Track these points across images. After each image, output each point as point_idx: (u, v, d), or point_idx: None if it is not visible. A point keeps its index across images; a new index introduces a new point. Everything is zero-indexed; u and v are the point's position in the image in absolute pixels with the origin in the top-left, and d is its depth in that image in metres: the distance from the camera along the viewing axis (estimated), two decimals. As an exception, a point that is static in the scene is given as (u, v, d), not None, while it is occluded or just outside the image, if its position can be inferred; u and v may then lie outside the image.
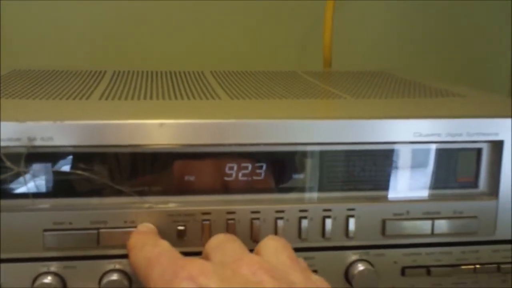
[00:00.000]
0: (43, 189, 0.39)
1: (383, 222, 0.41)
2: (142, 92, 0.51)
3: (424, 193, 0.42)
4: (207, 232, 0.39)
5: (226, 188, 0.40)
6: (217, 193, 0.41)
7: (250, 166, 0.41)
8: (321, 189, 0.41)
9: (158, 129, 0.38)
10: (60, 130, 0.37)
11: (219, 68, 0.69)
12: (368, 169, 0.42)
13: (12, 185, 0.38)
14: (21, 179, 0.38)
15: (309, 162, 0.41)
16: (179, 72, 0.65)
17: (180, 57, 0.85)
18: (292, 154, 0.41)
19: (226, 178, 0.41)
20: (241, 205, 0.40)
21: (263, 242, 0.35)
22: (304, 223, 0.40)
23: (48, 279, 0.39)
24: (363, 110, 0.46)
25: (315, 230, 0.41)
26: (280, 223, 0.40)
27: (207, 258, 0.35)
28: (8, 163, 0.37)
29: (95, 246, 0.39)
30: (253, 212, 0.40)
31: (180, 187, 0.40)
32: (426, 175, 0.42)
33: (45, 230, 0.38)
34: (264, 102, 0.48)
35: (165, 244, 0.35)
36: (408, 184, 0.42)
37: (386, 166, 0.42)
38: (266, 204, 0.40)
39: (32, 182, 0.38)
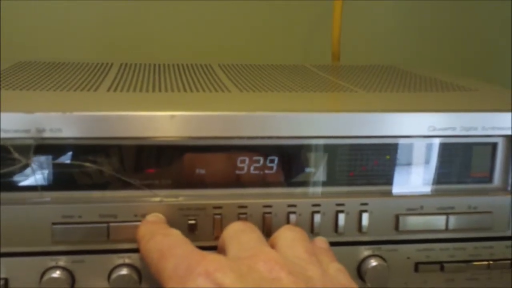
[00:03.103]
0: (51, 181, 0.38)
1: (396, 217, 0.40)
2: (151, 84, 0.50)
3: (438, 188, 0.42)
4: (219, 226, 0.39)
5: (237, 182, 0.40)
6: (229, 186, 0.40)
7: (262, 159, 0.40)
8: (334, 183, 0.40)
9: (169, 121, 0.38)
10: (69, 121, 0.37)
11: (228, 61, 0.69)
12: (381, 163, 0.41)
13: (20, 178, 0.38)
14: (29, 171, 0.37)
15: (321, 156, 0.40)
16: (187, 65, 0.64)
17: (188, 51, 0.84)
18: (305, 147, 0.40)
19: (237, 172, 0.40)
20: (253, 199, 0.39)
21: (280, 232, 0.35)
22: (317, 217, 0.40)
23: (56, 274, 0.38)
24: (376, 103, 0.45)
25: (327, 225, 0.40)
26: (292, 217, 0.39)
27: (223, 248, 0.34)
28: (16, 155, 0.37)
29: (104, 240, 0.38)
30: (265, 206, 0.39)
31: (191, 180, 0.39)
32: (440, 170, 0.42)
33: (54, 224, 0.38)
34: (275, 95, 0.47)
35: (176, 233, 0.34)
36: (422, 178, 0.41)
37: (399, 161, 0.41)
38: (278, 198, 0.40)
39: (41, 175, 0.38)
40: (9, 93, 0.44)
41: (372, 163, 0.41)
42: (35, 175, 0.37)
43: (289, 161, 0.40)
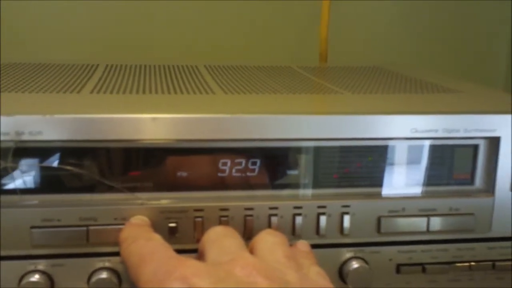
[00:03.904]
0: (31, 185, 0.38)
1: (378, 219, 0.40)
2: (135, 86, 0.50)
3: (420, 190, 0.42)
4: (200, 229, 0.39)
5: (219, 184, 0.40)
6: (211, 189, 0.40)
7: (243, 162, 0.40)
8: (315, 185, 0.40)
9: (150, 123, 0.37)
10: (49, 124, 0.36)
11: (214, 62, 0.68)
12: (363, 165, 0.41)
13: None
14: (8, 174, 0.37)
15: (303, 158, 0.40)
16: (173, 66, 0.64)
17: (175, 51, 0.84)
18: (287, 150, 0.40)
19: (219, 174, 0.40)
20: (235, 201, 0.39)
21: (259, 237, 0.34)
22: (298, 220, 0.40)
23: (35, 278, 0.38)
24: (359, 105, 0.45)
25: (309, 227, 0.40)
26: (274, 220, 0.39)
27: (203, 252, 0.34)
28: (-5, 158, 0.37)
29: (84, 244, 0.38)
30: (246, 208, 0.39)
31: (173, 183, 0.39)
32: (422, 172, 0.42)
33: (33, 227, 0.37)
34: (259, 97, 0.47)
35: (158, 239, 0.34)
36: (404, 180, 0.41)
37: (382, 163, 0.41)
38: (260, 200, 0.40)
39: (20, 178, 0.37)
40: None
41: (355, 165, 0.41)
42: (14, 179, 0.37)
43: (272, 163, 0.40)
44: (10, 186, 0.37)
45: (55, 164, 0.38)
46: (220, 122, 0.38)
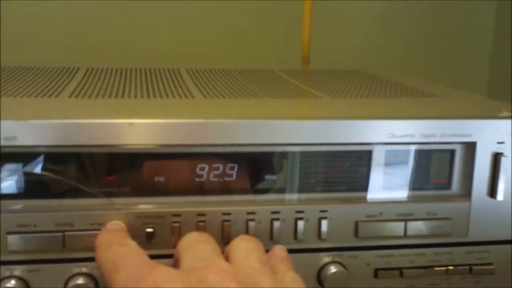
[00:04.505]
0: (6, 190, 0.37)
1: (356, 224, 0.41)
2: (114, 90, 0.50)
3: (398, 195, 0.42)
4: (177, 234, 0.38)
5: (197, 189, 0.40)
6: (188, 194, 0.40)
7: (221, 167, 0.40)
8: (293, 190, 0.41)
9: (127, 128, 0.37)
10: (24, 129, 0.36)
11: (197, 65, 0.68)
12: (341, 170, 0.41)
13: (-26, 186, 0.37)
14: (-17, 180, 0.37)
15: (281, 163, 0.40)
16: (154, 70, 0.64)
17: (157, 54, 0.84)
18: (265, 155, 0.40)
19: (197, 179, 0.40)
20: (212, 206, 0.39)
21: (234, 243, 0.34)
22: (276, 225, 0.40)
23: (11, 283, 0.38)
24: (338, 110, 0.46)
25: (287, 232, 0.40)
26: (251, 225, 0.39)
27: (178, 258, 0.34)
28: (-30, 164, 0.36)
29: (60, 249, 0.38)
30: (224, 214, 0.39)
31: (150, 188, 0.39)
32: (399, 177, 0.42)
33: (9, 233, 0.37)
34: (239, 101, 0.47)
35: (132, 245, 0.34)
36: (381, 185, 0.42)
37: (359, 167, 0.41)
38: (238, 205, 0.40)
39: (-5, 183, 0.37)
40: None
41: (332, 170, 0.41)
42: (-11, 184, 0.37)
43: (249, 168, 0.40)
44: (-15, 191, 0.37)
45: (30, 169, 0.37)
46: (198, 127, 0.38)
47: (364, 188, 0.41)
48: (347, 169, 0.41)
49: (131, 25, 0.83)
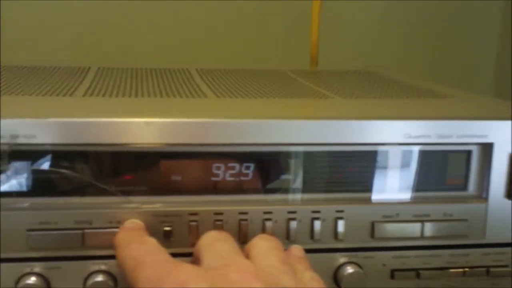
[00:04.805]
0: (26, 187, 0.37)
1: (372, 224, 0.41)
2: (127, 89, 0.50)
3: (414, 195, 0.42)
4: (195, 233, 0.38)
5: (213, 189, 0.40)
6: (205, 193, 0.40)
7: (237, 166, 0.40)
8: (309, 190, 0.41)
9: (144, 127, 0.37)
10: (43, 127, 0.36)
11: (206, 65, 0.68)
12: (357, 170, 0.41)
13: (-6, 184, 0.37)
14: (3, 177, 0.37)
15: (297, 163, 0.40)
16: (164, 70, 0.64)
17: (166, 55, 0.84)
18: (281, 154, 0.40)
19: (213, 178, 0.40)
20: (229, 206, 0.39)
21: (254, 242, 0.34)
22: (293, 224, 0.40)
23: (31, 280, 0.38)
24: (352, 110, 0.46)
25: (303, 231, 0.40)
26: (268, 224, 0.39)
27: (198, 257, 0.34)
28: (-11, 161, 0.36)
29: (79, 247, 0.38)
30: (241, 213, 0.39)
31: (167, 187, 0.39)
32: (415, 177, 0.42)
33: (29, 230, 0.37)
34: (252, 101, 0.47)
35: (152, 242, 0.34)
36: (397, 186, 0.42)
37: (375, 168, 0.41)
38: (254, 205, 0.40)
39: (15, 181, 0.37)
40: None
41: (348, 170, 0.41)
42: (9, 181, 0.37)
43: (265, 168, 0.40)
44: (6, 189, 0.37)
45: (50, 167, 0.37)
46: (212, 126, 0.38)
47: (381, 188, 0.41)
48: (363, 170, 0.41)
49: (139, 26, 0.83)
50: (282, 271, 0.32)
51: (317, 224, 0.40)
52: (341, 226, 0.40)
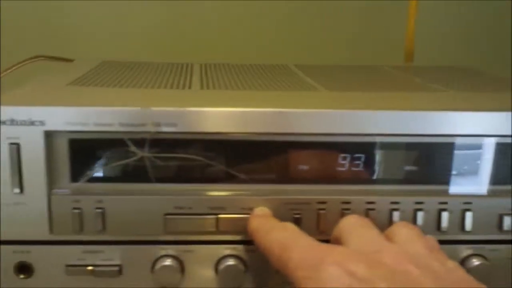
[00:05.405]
0: (165, 174, 0.39)
1: (500, 217, 0.40)
2: (239, 82, 0.52)
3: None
4: (323, 220, 0.39)
5: (340, 178, 0.41)
6: (331, 182, 0.41)
7: (363, 156, 0.41)
8: (436, 182, 0.41)
9: (277, 117, 0.39)
10: (183, 116, 0.38)
11: (301, 62, 0.69)
12: (485, 162, 0.41)
13: (136, 170, 0.39)
14: (144, 164, 0.39)
15: (427, 154, 0.41)
16: (260, 66, 0.65)
17: (261, 51, 0.86)
18: (409, 145, 0.41)
19: (339, 168, 0.41)
20: (356, 195, 0.40)
21: (395, 229, 0.35)
22: (420, 215, 0.40)
23: (167, 262, 0.40)
24: (470, 103, 0.45)
25: (430, 222, 0.40)
26: (395, 214, 0.40)
27: (338, 240, 0.35)
28: (133, 148, 0.38)
29: (213, 231, 0.39)
30: (368, 202, 0.40)
31: (295, 176, 0.40)
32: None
33: (166, 214, 0.39)
34: (371, 94, 0.47)
35: (294, 227, 0.35)
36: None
37: (505, 160, 0.41)
38: (381, 195, 0.40)
39: (155, 167, 0.39)
40: (115, 90, 0.46)
41: (475, 162, 0.41)
42: (149, 168, 0.39)
43: (393, 158, 0.41)
44: (146, 175, 0.39)
45: (188, 155, 0.39)
46: (342, 117, 0.39)
47: (508, 181, 0.41)
48: (491, 162, 0.41)
49: (228, 23, 0.85)
50: (429, 257, 0.32)
51: (445, 216, 0.40)
52: (469, 218, 0.40)
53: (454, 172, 0.41)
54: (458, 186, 0.41)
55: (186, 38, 0.85)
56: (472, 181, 0.41)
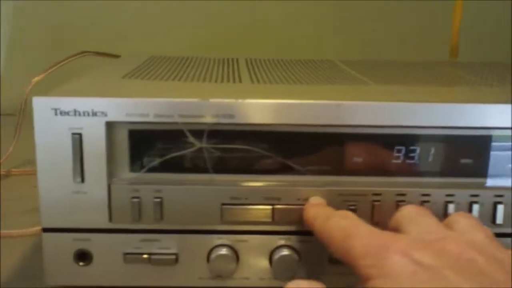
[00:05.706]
0: (222, 165, 0.40)
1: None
2: (291, 77, 0.52)
3: None
4: (378, 212, 0.40)
5: (394, 170, 0.41)
6: (386, 174, 0.41)
7: (418, 149, 0.41)
8: (494, 175, 0.41)
9: (334, 109, 0.39)
10: (241, 108, 0.39)
11: (347, 57, 0.70)
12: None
13: (193, 160, 0.40)
14: (202, 154, 0.40)
15: (480, 147, 0.40)
16: (305, 61, 0.65)
17: (307, 46, 0.86)
18: (462, 138, 0.40)
19: (394, 161, 0.41)
20: (410, 187, 0.40)
21: (454, 218, 0.35)
22: (475, 208, 0.40)
23: (223, 251, 0.40)
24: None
25: (485, 215, 0.40)
26: (450, 207, 0.40)
27: (397, 228, 0.35)
28: (191, 139, 0.39)
29: (268, 222, 0.40)
30: (423, 194, 0.40)
31: (350, 168, 0.41)
32: None
33: (223, 204, 0.40)
34: (420, 88, 0.47)
35: (354, 216, 0.36)
36: None
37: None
38: (436, 187, 0.40)
39: (212, 158, 0.40)
40: (169, 83, 0.47)
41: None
42: (207, 158, 0.40)
43: (446, 151, 0.41)
44: (204, 165, 0.40)
45: (245, 146, 0.40)
46: (396, 110, 0.39)
47: None
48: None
49: (272, 21, 0.86)
50: (491, 246, 0.32)
51: (500, 208, 0.40)
52: (524, 211, 0.40)
53: (508, 166, 0.41)
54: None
55: (230, 35, 0.86)
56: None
